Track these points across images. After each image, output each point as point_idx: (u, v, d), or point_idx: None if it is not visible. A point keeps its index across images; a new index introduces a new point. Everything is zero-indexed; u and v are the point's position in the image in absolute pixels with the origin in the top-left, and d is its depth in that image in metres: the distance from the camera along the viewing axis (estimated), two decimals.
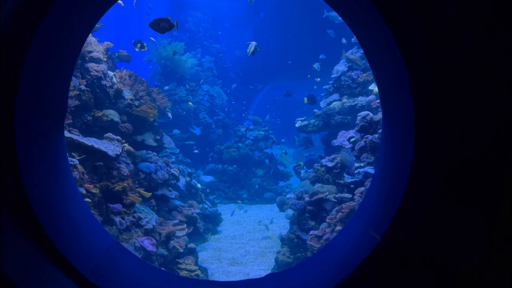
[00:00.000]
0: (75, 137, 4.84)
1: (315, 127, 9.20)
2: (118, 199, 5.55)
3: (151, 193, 6.09)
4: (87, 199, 4.56)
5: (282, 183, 13.27)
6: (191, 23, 21.98)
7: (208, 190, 10.44)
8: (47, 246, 2.33)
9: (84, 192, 4.52)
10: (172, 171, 7.17)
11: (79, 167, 4.62)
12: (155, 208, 6.31)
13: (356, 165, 6.41)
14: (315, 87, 11.34)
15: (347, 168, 6.34)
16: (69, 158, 4.56)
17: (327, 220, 5.91)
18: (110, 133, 5.34)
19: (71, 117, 5.24)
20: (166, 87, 13.86)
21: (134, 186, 5.86)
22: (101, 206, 5.05)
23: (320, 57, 11.04)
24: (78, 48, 3.27)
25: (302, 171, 9.50)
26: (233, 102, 20.64)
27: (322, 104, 9.31)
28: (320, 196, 6.41)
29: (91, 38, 6.71)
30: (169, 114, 8.09)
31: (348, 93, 8.62)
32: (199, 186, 8.94)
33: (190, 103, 13.09)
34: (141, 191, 6.02)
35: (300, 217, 6.44)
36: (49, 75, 2.69)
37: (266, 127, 13.74)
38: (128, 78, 7.33)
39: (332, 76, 9.20)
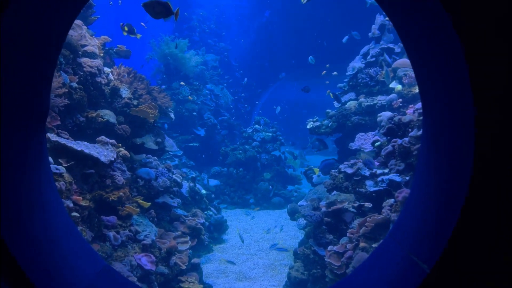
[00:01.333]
0: (62, 141, 4.21)
1: (328, 128, 8.54)
2: (113, 210, 4.92)
3: (150, 203, 5.46)
4: (74, 213, 3.92)
5: (291, 187, 12.61)
6: (195, 21, 21.35)
7: (213, 195, 9.80)
8: (19, 278, 1.93)
9: (71, 205, 3.89)
10: (174, 177, 6.53)
11: (66, 175, 3.99)
12: (155, 219, 5.67)
13: (379, 171, 5.75)
14: (327, 82, 10.66)
15: (369, 164, 5.70)
16: (54, 166, 3.93)
17: (348, 234, 5.25)
18: (104, 136, 4.71)
19: (59, 118, 4.61)
20: (174, 84, 13.23)
21: (131, 195, 5.22)
22: (92, 219, 4.41)
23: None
24: (59, 37, 2.67)
25: (315, 176, 8.83)
26: (242, 95, 19.83)
27: (336, 104, 8.64)
28: (339, 206, 5.75)
29: (85, 31, 6.08)
30: (172, 115, 7.45)
31: (366, 92, 7.94)
32: (203, 191, 8.29)
33: (189, 97, 12.41)
34: (140, 200, 5.38)
35: (316, 229, 5.78)
36: (19, 68, 2.16)
37: (274, 129, 13.08)
38: (126, 75, 6.70)
39: (347, 73, 8.53)
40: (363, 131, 7.30)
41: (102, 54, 6.73)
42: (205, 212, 8.40)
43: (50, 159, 4.01)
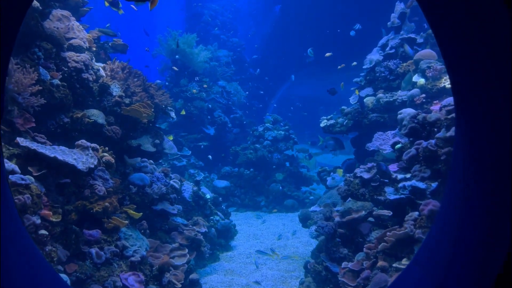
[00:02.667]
0: (33, 146, 3.66)
1: (344, 127, 7.85)
2: (98, 223, 4.36)
3: (141, 213, 4.88)
4: (42, 231, 3.37)
5: (305, 188, 11.93)
6: (207, 15, 20.77)
7: (220, 198, 9.20)
8: None
9: (37, 221, 3.33)
10: (171, 182, 5.96)
11: (34, 187, 3.44)
12: (147, 231, 5.10)
13: (400, 176, 5.05)
14: (342, 84, 9.94)
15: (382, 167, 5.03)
16: (19, 176, 3.38)
17: (364, 249, 4.57)
18: (84, 140, 4.15)
19: (34, 120, 4.07)
20: (182, 81, 12.68)
21: (123, 204, 4.66)
22: (69, 235, 3.86)
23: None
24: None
25: (329, 178, 8.16)
26: (261, 92, 19.07)
27: (352, 100, 7.94)
28: (354, 215, 5.08)
29: (73, 23, 5.54)
30: (172, 114, 6.87)
31: (385, 86, 7.21)
32: (208, 196, 7.70)
33: (194, 90, 11.80)
34: (130, 210, 4.82)
35: (329, 242, 5.12)
36: None
37: (287, 127, 12.40)
38: (120, 71, 6.15)
39: (364, 67, 7.81)
40: (382, 130, 6.60)
41: (95, 49, 6.20)
42: (211, 218, 7.82)
43: (16, 168, 3.47)
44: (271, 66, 20.73)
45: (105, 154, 4.47)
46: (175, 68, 12.31)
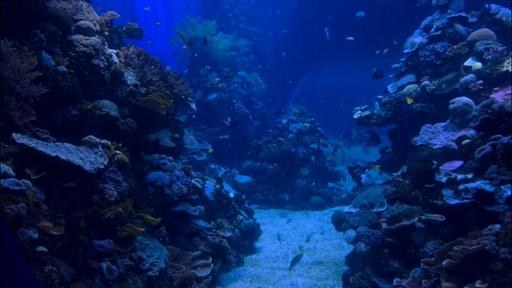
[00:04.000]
0: (31, 144, 3.05)
1: (381, 118, 7.08)
2: (110, 231, 3.76)
3: (160, 219, 4.26)
4: (40, 248, 2.77)
5: (332, 184, 11.19)
6: (226, 4, 20.00)
7: (243, 196, 8.56)
8: None
9: (35, 236, 2.73)
10: (193, 181, 5.33)
11: (31, 193, 2.83)
12: (166, 238, 4.49)
13: (460, 176, 4.30)
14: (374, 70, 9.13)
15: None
16: (13, 180, 2.77)
17: (422, 264, 3.85)
18: (92, 136, 3.53)
19: (34, 113, 3.47)
20: (201, 71, 12.02)
21: (139, 207, 4.04)
22: (75, 249, 3.26)
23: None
24: None
25: (364, 175, 7.42)
26: (290, 82, 18.12)
27: (391, 88, 7.15)
28: (405, 222, 4.35)
29: (82, 3, 4.92)
30: (193, 105, 6.22)
31: (430, 72, 6.41)
32: (231, 194, 7.07)
33: (216, 79, 11.15)
34: (147, 216, 4.20)
35: (376, 254, 4.41)
36: None
37: (312, 119, 11.65)
38: (136, 57, 5.51)
39: (405, 51, 7.00)
40: (428, 121, 5.82)
41: (107, 33, 5.58)
42: (234, 218, 7.19)
43: (10, 170, 2.86)
44: (292, 55, 19.89)
45: (118, 151, 3.85)
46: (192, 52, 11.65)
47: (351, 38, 10.40)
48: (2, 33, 3.37)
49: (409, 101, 6.27)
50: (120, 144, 4.14)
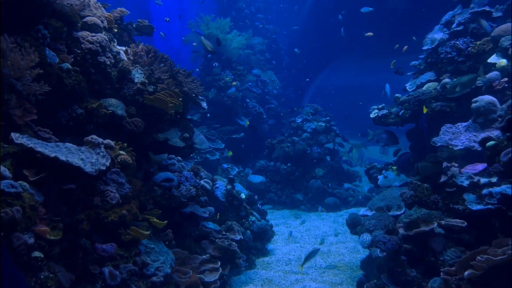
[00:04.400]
0: (29, 143, 2.93)
1: (399, 118, 6.81)
2: (113, 235, 3.63)
3: (166, 221, 4.11)
4: (36, 253, 2.64)
5: (348, 184, 10.92)
6: (242, 2, 19.81)
7: (256, 196, 8.38)
8: None
9: (30, 241, 2.60)
10: (202, 182, 5.17)
11: (27, 195, 2.71)
12: (172, 242, 4.33)
13: (484, 180, 4.03)
14: (393, 63, 8.83)
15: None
16: (8, 182, 2.65)
17: (442, 274, 3.61)
18: (94, 136, 3.40)
19: (35, 111, 3.35)
20: (215, 69, 11.87)
21: (138, 212, 3.90)
22: (75, 253, 3.13)
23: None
24: None
25: (380, 176, 7.15)
26: (307, 79, 17.78)
27: (409, 87, 6.87)
28: (424, 228, 4.11)
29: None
30: (204, 104, 6.06)
31: (451, 70, 6.11)
32: (243, 195, 6.89)
33: (227, 78, 10.98)
34: (153, 218, 4.06)
35: (392, 261, 4.18)
36: None
37: (328, 118, 11.39)
38: (145, 55, 5.38)
39: (424, 48, 6.70)
40: (449, 121, 5.54)
41: (116, 30, 5.47)
42: (246, 219, 7.01)
43: (6, 172, 2.74)
44: (307, 53, 19.60)
45: (122, 152, 3.71)
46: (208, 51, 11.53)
47: (370, 33, 10.13)
48: (2, 29, 3.26)
49: (424, 110, 6.00)
50: (125, 144, 4.01)
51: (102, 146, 3.34)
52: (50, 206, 2.96)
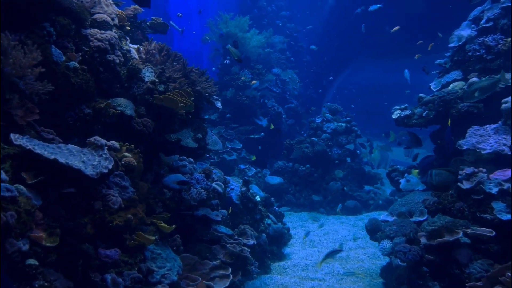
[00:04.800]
0: (28, 145, 2.81)
1: (422, 119, 6.49)
2: (117, 240, 3.49)
3: (174, 226, 3.95)
4: (30, 261, 2.51)
5: (368, 187, 10.59)
6: (263, 0, 19.59)
7: (272, 198, 8.17)
8: None
9: (24, 248, 2.48)
10: (214, 185, 5.01)
11: (23, 200, 2.58)
12: (180, 247, 4.18)
13: None
14: (417, 56, 8.46)
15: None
16: (5, 185, 2.53)
17: None
18: (97, 137, 3.26)
19: (38, 111, 3.24)
20: (233, 68, 11.72)
21: (145, 216, 3.76)
22: (75, 260, 3.00)
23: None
24: None
25: (402, 180, 6.84)
26: (330, 78, 17.52)
27: (434, 86, 6.53)
28: (448, 238, 3.83)
29: None
30: (218, 104, 5.90)
31: (479, 69, 5.76)
32: (258, 198, 6.70)
33: (242, 77, 10.77)
34: (160, 223, 3.91)
35: (413, 272, 3.91)
36: None
37: (348, 118, 11.07)
38: (157, 53, 5.26)
39: (451, 45, 6.35)
40: (477, 123, 5.21)
41: (128, 28, 5.35)
42: (262, 222, 6.82)
43: (2, 174, 2.63)
44: (328, 52, 19.22)
45: (127, 153, 3.57)
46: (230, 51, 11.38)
47: (396, 28, 9.77)
48: (5, 26, 3.16)
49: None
50: (132, 145, 3.87)
51: (106, 147, 3.21)
52: (49, 210, 2.84)
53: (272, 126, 10.66)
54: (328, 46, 18.43)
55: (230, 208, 5.86)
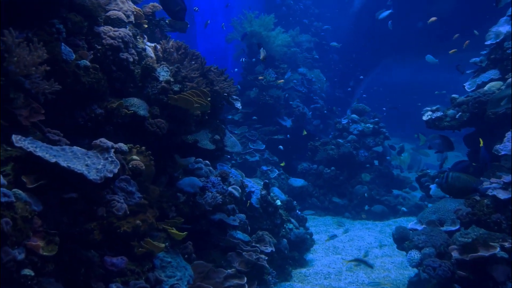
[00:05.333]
0: (29, 147, 2.67)
1: (455, 121, 6.08)
2: (125, 247, 3.33)
3: (185, 233, 3.76)
4: (26, 271, 2.36)
5: (397, 191, 10.14)
6: None
7: (295, 202, 7.90)
8: None
9: (19, 257, 2.33)
10: (230, 189, 4.79)
11: (20, 206, 2.44)
12: (192, 255, 3.98)
13: None
14: (452, 51, 8.00)
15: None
16: (3, 190, 2.39)
17: None
18: (103, 139, 3.09)
19: (43, 112, 3.11)
20: (257, 67, 11.49)
21: (155, 222, 3.58)
22: (77, 270, 2.84)
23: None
24: None
25: (433, 186, 6.44)
26: (361, 77, 17.02)
27: (468, 86, 6.10)
28: (483, 253, 3.47)
29: None
30: (237, 104, 5.69)
31: None
32: (278, 202, 6.45)
33: (260, 77, 10.50)
34: (171, 229, 3.73)
35: None
36: None
37: (376, 119, 10.64)
38: (175, 52, 5.09)
39: (487, 43, 5.91)
40: None
41: (146, 26, 5.21)
42: (282, 227, 6.57)
43: (2, 179, 2.49)
44: (357, 51, 18.70)
45: (135, 157, 3.40)
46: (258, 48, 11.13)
47: (433, 18, 9.25)
48: (8, 23, 3.04)
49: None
50: (143, 147, 3.70)
51: (112, 150, 3.04)
52: (49, 216, 2.69)
53: (305, 133, 10.34)
54: (356, 44, 17.94)
55: (249, 201, 5.58)
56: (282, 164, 9.16)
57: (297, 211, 7.88)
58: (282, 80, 11.18)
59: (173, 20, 4.67)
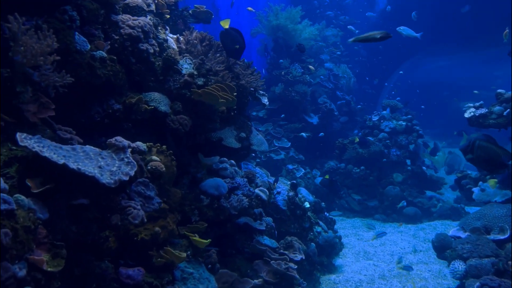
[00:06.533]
0: (34, 147, 2.37)
1: (503, 119, 5.54)
2: (143, 257, 3.01)
3: (209, 240, 3.42)
4: None
5: (430, 193, 9.56)
6: None
7: (323, 203, 7.48)
8: None
9: (20, 274, 2.02)
10: (257, 191, 4.42)
11: (22, 214, 2.14)
12: (216, 265, 3.63)
13: None
14: (505, 32, 7.39)
15: None
16: (3, 196, 2.09)
17: None
18: (119, 138, 2.76)
19: (53, 107, 2.81)
20: (283, 62, 11.06)
21: (176, 228, 3.25)
22: (89, 283, 2.53)
23: None
24: None
25: (476, 189, 5.91)
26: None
27: None
28: None
29: None
30: (264, 100, 5.32)
31: None
32: (307, 204, 6.05)
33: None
34: (193, 236, 3.39)
35: None
36: None
37: (409, 116, 10.07)
38: (199, 44, 4.75)
39: None
40: None
41: (168, 16, 4.89)
42: (311, 231, 6.17)
43: (2, 183, 2.19)
44: (385, 45, 17.99)
45: (155, 157, 3.06)
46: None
47: (468, 8, 8.67)
48: (14, 9, 2.74)
49: None
50: (164, 146, 3.37)
51: (129, 150, 2.71)
52: (56, 225, 2.38)
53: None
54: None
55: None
56: (326, 177, 8.65)
57: (325, 213, 7.46)
58: (313, 68, 10.68)
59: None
